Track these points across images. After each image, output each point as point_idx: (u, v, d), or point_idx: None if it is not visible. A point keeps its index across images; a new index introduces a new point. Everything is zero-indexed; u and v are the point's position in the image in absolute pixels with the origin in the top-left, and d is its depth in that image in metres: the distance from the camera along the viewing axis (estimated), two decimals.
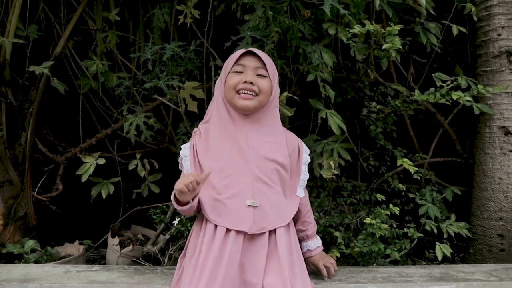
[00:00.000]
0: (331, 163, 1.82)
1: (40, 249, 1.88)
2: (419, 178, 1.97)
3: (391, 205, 1.75)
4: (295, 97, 1.82)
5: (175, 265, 1.41)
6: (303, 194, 1.45)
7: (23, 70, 2.01)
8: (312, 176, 1.87)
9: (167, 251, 1.87)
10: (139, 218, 2.20)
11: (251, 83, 1.35)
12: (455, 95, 1.86)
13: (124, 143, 2.21)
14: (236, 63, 1.39)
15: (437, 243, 1.78)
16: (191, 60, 1.85)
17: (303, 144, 1.50)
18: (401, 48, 1.65)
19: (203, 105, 1.95)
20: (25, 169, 2.03)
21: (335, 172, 1.82)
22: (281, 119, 1.87)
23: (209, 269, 1.19)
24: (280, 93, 1.52)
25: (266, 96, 1.38)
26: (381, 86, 2.13)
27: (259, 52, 1.40)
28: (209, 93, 1.97)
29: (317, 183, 1.97)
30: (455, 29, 2.00)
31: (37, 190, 2.17)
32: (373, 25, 1.64)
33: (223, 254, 1.23)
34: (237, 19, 1.80)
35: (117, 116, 2.19)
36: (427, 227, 1.83)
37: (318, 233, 1.58)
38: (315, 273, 1.52)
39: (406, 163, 1.77)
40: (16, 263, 1.77)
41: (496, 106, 2.03)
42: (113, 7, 2.09)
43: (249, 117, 1.38)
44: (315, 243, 1.51)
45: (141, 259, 1.94)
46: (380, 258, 1.76)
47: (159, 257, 1.87)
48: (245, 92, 1.35)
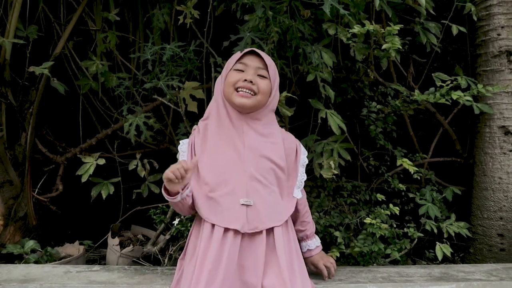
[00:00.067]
0: (331, 163, 1.82)
1: (40, 250, 1.88)
2: (419, 178, 1.97)
3: (391, 205, 1.75)
4: (295, 97, 1.82)
5: (175, 265, 1.41)
6: (300, 195, 1.44)
7: (23, 70, 2.01)
8: (312, 176, 1.87)
9: (167, 251, 1.87)
10: (139, 218, 2.20)
11: (251, 82, 1.35)
12: (455, 95, 1.86)
13: (124, 143, 2.21)
14: (238, 61, 1.40)
15: (437, 243, 1.78)
16: (191, 60, 1.85)
17: (301, 145, 1.50)
18: (401, 48, 1.65)
19: (203, 105, 1.94)
20: (25, 169, 2.03)
21: (335, 172, 1.82)
22: (281, 119, 1.89)
23: (208, 270, 1.19)
24: (280, 93, 1.52)
25: (264, 96, 1.38)
26: (381, 86, 2.13)
27: (262, 53, 1.40)
28: (209, 93, 1.97)
29: (317, 183, 1.97)
30: (454, 29, 2.00)
31: (37, 190, 2.17)
32: (373, 25, 1.64)
33: (222, 255, 1.22)
34: (237, 19, 1.80)
35: (117, 116, 2.19)
36: (427, 227, 1.83)
37: (318, 233, 1.58)
38: (315, 273, 1.52)
39: (406, 163, 1.77)
40: (16, 263, 1.77)
41: (496, 105, 2.03)
42: (113, 7, 2.09)
43: (247, 116, 1.38)
44: (315, 243, 1.52)
45: (141, 259, 1.94)
46: (380, 258, 1.76)
47: (159, 257, 1.87)
48: (244, 90, 1.35)
